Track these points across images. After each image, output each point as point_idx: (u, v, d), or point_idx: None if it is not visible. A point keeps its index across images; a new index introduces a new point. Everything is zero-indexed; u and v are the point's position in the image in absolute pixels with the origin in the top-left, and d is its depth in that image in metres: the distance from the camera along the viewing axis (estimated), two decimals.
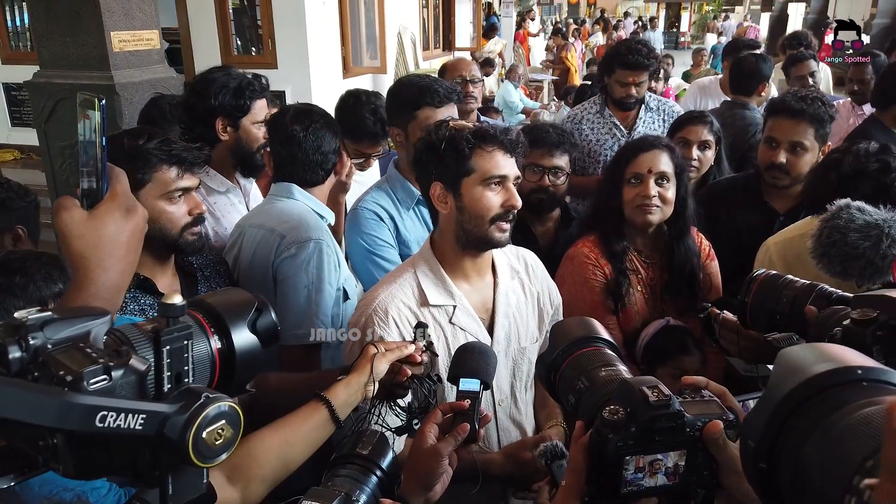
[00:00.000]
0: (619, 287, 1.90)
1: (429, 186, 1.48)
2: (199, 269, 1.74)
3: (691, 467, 0.77)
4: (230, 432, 0.57)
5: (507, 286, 1.59)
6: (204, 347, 0.65)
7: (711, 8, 26.75)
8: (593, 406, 0.85)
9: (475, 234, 1.46)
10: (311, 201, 1.89)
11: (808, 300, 1.21)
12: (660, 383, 0.78)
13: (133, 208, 0.83)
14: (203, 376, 0.64)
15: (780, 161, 2.17)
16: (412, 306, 1.47)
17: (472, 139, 1.43)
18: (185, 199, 1.56)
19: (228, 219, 2.11)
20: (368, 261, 1.98)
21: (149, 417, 0.53)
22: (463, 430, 1.11)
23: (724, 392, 0.85)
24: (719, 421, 0.76)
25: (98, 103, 0.74)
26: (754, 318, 1.32)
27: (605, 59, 3.18)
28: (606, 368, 0.91)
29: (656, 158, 1.88)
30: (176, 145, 1.53)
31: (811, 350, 0.54)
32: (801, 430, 0.49)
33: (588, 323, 1.00)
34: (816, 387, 0.50)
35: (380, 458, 0.99)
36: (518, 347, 1.59)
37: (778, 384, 0.52)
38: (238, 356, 0.68)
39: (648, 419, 0.74)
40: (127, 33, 3.70)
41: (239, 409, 0.58)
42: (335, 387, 1.19)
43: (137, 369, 0.55)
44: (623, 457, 0.75)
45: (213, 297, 0.72)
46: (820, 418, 0.48)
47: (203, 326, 0.66)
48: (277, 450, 1.11)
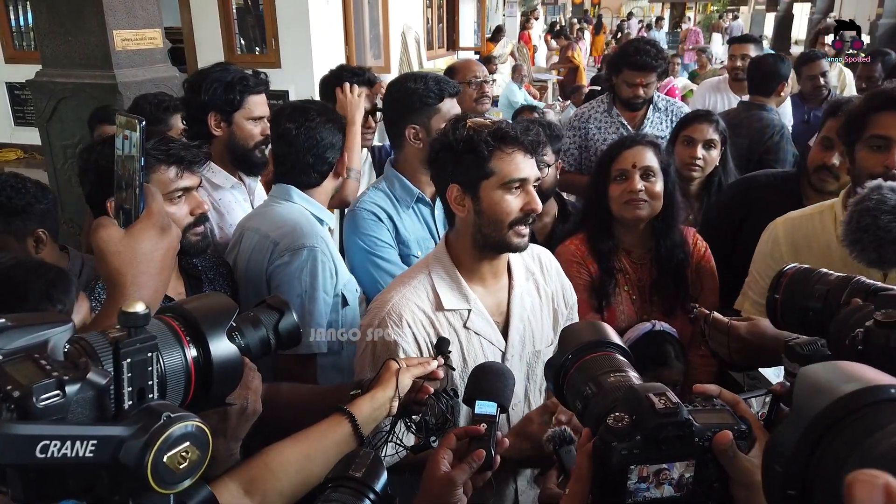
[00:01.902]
0: (603, 286, 1.88)
1: (445, 188, 1.43)
2: (203, 272, 1.70)
3: (700, 479, 0.73)
4: (196, 455, 0.52)
5: (523, 288, 1.55)
6: (178, 358, 0.61)
7: (716, 8, 26.65)
8: (600, 413, 0.81)
9: (493, 239, 1.41)
10: (309, 204, 1.84)
11: (842, 295, 1.11)
12: (668, 390, 0.74)
13: (168, 227, 0.87)
14: (176, 390, 0.60)
15: (833, 163, 2.05)
16: (427, 310, 1.43)
17: (492, 141, 1.37)
18: (187, 199, 1.52)
19: (233, 215, 2.08)
20: (368, 262, 1.94)
21: (100, 443, 0.48)
22: (479, 457, 1.05)
23: (737, 401, 0.81)
24: (729, 431, 0.71)
25: (139, 125, 0.77)
26: (786, 316, 1.21)
27: (614, 59, 3.15)
28: (615, 374, 0.87)
29: (640, 154, 1.87)
30: (174, 144, 1.49)
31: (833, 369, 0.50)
32: (836, 454, 0.45)
33: (599, 327, 0.96)
34: (849, 407, 0.46)
35: (373, 481, 0.93)
36: (532, 351, 1.55)
37: (805, 404, 0.48)
38: (216, 367, 0.63)
39: (654, 427, 0.70)
40: (129, 32, 3.67)
41: (207, 429, 0.53)
42: (359, 401, 1.15)
43: (96, 384, 0.50)
44: (627, 466, 0.71)
45: (190, 303, 0.68)
46: (857, 440, 0.43)
47: (178, 335, 0.62)
48: (297, 463, 1.06)
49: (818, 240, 1.77)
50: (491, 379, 1.17)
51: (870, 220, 1.30)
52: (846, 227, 1.33)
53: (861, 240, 1.30)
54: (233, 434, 1.03)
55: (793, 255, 1.78)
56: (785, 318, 1.22)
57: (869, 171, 1.62)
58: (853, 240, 1.32)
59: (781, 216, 1.86)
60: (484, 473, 1.08)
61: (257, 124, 2.09)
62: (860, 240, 1.30)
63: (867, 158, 1.65)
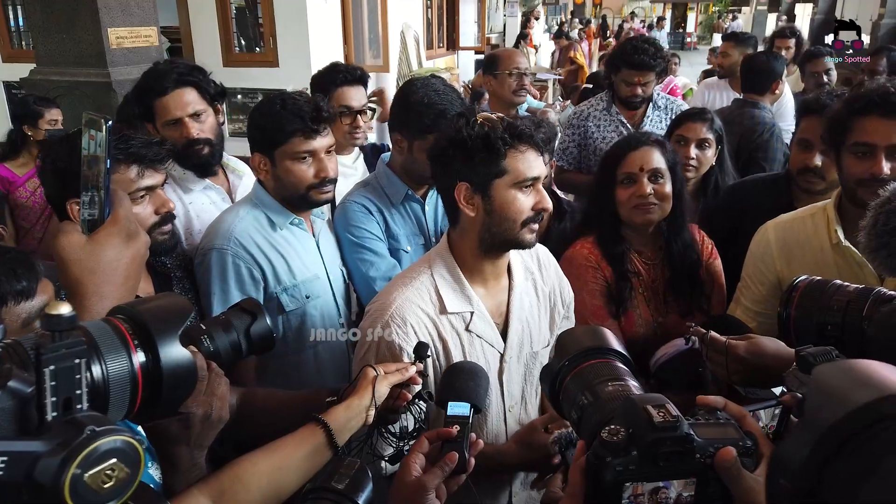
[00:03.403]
0: (620, 291, 1.82)
1: (452, 186, 1.38)
2: (172, 270, 1.67)
3: (702, 498, 0.69)
4: (124, 473, 0.47)
5: (522, 289, 1.52)
6: (123, 364, 0.56)
7: (718, 8, 26.60)
8: (595, 425, 0.77)
9: (504, 237, 1.38)
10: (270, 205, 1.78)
11: (864, 306, 1.06)
12: (668, 402, 0.70)
13: (135, 234, 0.83)
14: (120, 398, 0.55)
15: (816, 164, 2.00)
16: (430, 313, 1.40)
17: (509, 138, 1.33)
18: (151, 199, 1.47)
19: (203, 218, 2.01)
20: (356, 254, 1.92)
21: (12, 460, 0.43)
22: (451, 460, 1.02)
23: (743, 415, 0.76)
24: (733, 448, 0.67)
25: (104, 125, 0.74)
26: (801, 334, 1.15)
27: (612, 58, 3.12)
28: (614, 383, 0.82)
29: (647, 155, 1.80)
30: (134, 141, 1.43)
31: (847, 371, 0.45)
32: (852, 471, 0.41)
33: (599, 332, 0.92)
34: (865, 419, 0.41)
35: (356, 493, 0.89)
36: (530, 352, 1.53)
37: (817, 413, 0.43)
38: (165, 373, 0.59)
39: (651, 442, 0.66)
40: (124, 30, 3.64)
41: (138, 445, 0.48)
42: (334, 410, 1.12)
43: (18, 392, 0.45)
44: (622, 483, 0.67)
45: (142, 305, 0.63)
46: (877, 457, 0.39)
47: (124, 338, 0.57)
48: (269, 475, 1.03)
49: (810, 243, 1.71)
50: (463, 379, 1.14)
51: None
52: (869, 231, 1.22)
53: (888, 244, 1.18)
54: (196, 442, 0.99)
55: (784, 258, 1.74)
56: (800, 335, 1.15)
57: (856, 177, 1.59)
58: (877, 245, 1.19)
59: (772, 220, 1.82)
60: (458, 477, 1.05)
61: (200, 119, 1.98)
62: (887, 244, 1.17)
63: (853, 165, 1.61)
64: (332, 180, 1.77)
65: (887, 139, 1.54)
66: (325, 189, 1.76)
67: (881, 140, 1.55)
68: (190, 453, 0.99)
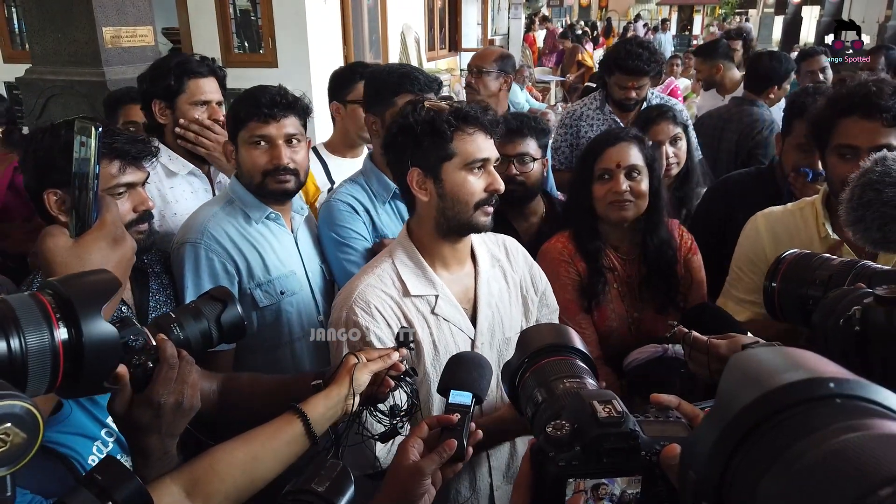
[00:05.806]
0: (593, 285, 1.82)
1: (404, 173, 1.40)
2: (149, 266, 1.66)
3: (648, 497, 0.66)
4: (20, 438, 0.47)
5: (489, 274, 1.52)
6: (44, 338, 0.56)
7: (724, 11, 26.51)
8: (545, 420, 0.75)
9: (458, 221, 1.39)
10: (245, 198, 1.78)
11: (846, 281, 1.01)
12: (616, 398, 0.68)
13: (121, 238, 0.84)
14: (41, 372, 0.56)
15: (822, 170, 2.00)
16: (394, 296, 1.40)
17: (454, 121, 1.35)
18: (130, 196, 1.46)
19: (182, 205, 2.01)
20: (341, 253, 1.89)
21: None
22: (450, 447, 1.01)
23: (696, 414, 0.75)
24: (678, 445, 0.65)
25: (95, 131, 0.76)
26: (785, 306, 1.11)
27: (606, 60, 3.09)
28: (570, 380, 0.81)
29: (624, 152, 1.80)
30: (118, 137, 1.43)
31: (770, 356, 0.42)
32: (756, 460, 0.38)
33: (561, 330, 0.90)
34: (777, 404, 0.39)
35: (337, 497, 0.86)
36: (502, 338, 1.52)
37: (728, 399, 0.41)
38: (87, 349, 0.59)
39: (594, 437, 0.64)
40: (120, 29, 3.64)
41: (37, 413, 0.48)
42: (313, 399, 1.11)
43: None
44: (565, 478, 0.65)
45: (68, 280, 0.63)
46: (782, 446, 0.36)
47: (47, 312, 0.58)
48: (243, 465, 1.02)
49: (800, 235, 1.72)
50: (467, 368, 1.13)
51: (873, 194, 1.18)
52: (847, 204, 1.22)
53: (864, 218, 1.18)
54: (167, 431, 0.98)
55: (774, 248, 1.74)
56: (784, 309, 1.12)
57: (841, 178, 1.54)
58: (855, 218, 1.20)
59: (762, 211, 1.82)
60: (455, 465, 1.04)
61: (203, 109, 2.02)
62: (863, 218, 1.18)
63: (838, 166, 1.60)
64: (291, 170, 1.74)
65: (870, 141, 1.54)
66: (282, 178, 1.73)
67: (864, 142, 1.55)
68: (161, 442, 0.98)
